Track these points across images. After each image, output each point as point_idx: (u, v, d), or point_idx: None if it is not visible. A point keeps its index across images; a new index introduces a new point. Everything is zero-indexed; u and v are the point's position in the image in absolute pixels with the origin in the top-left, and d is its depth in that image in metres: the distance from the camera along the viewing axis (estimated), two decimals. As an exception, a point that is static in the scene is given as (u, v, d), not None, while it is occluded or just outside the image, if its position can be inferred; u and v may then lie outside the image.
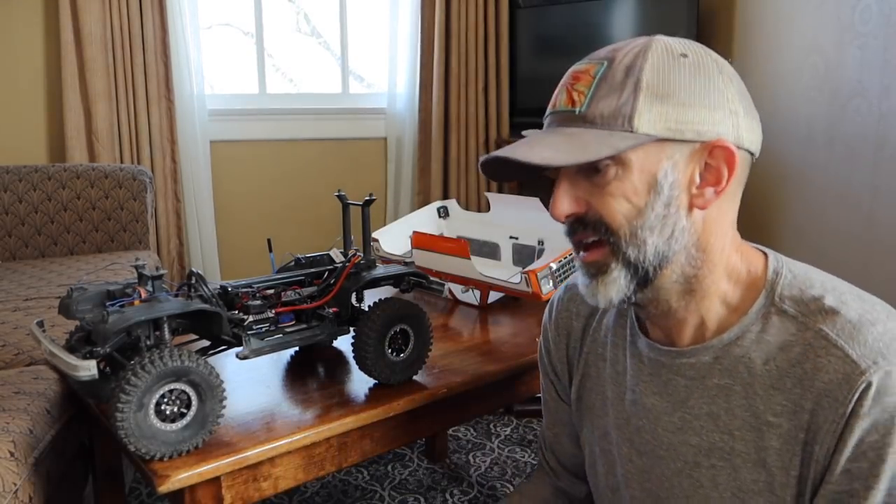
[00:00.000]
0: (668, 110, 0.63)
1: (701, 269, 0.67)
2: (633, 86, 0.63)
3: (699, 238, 0.66)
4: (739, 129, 0.65)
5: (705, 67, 0.64)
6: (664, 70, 0.64)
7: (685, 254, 0.66)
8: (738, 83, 0.66)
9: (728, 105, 0.64)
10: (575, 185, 0.67)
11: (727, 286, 0.68)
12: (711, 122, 0.63)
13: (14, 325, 1.49)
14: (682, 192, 0.65)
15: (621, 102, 0.63)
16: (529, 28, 3.00)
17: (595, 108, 0.65)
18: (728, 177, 0.64)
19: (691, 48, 0.66)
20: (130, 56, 2.44)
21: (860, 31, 2.14)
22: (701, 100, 0.63)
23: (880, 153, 2.10)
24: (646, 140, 0.63)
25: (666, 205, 0.65)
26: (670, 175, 0.64)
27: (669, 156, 0.64)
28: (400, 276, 1.14)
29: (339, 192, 1.14)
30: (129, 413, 0.79)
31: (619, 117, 0.63)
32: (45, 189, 2.19)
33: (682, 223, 0.65)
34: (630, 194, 0.65)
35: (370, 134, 3.02)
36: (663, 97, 0.63)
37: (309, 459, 0.95)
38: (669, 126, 0.63)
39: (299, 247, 1.31)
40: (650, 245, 0.65)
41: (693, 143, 0.64)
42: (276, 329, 1.01)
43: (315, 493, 1.73)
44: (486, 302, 1.48)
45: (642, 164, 0.64)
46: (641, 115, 0.63)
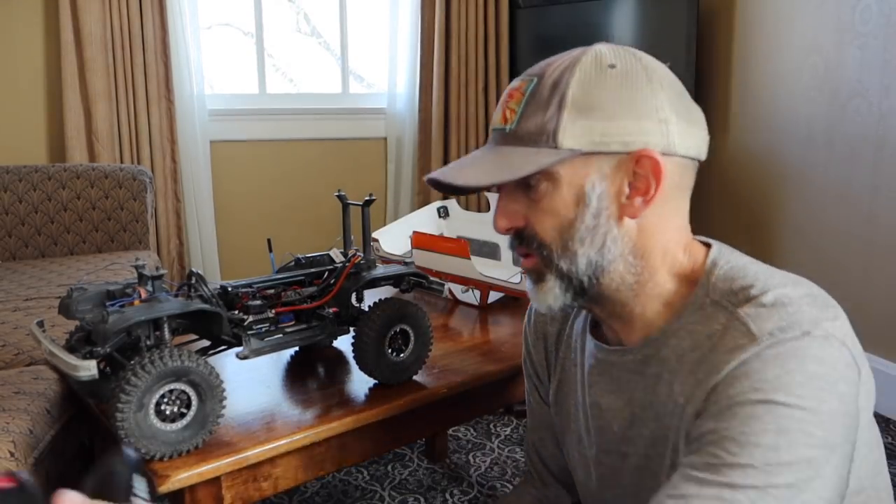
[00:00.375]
0: (592, 124, 0.64)
1: (641, 275, 0.68)
2: (559, 101, 0.65)
3: (635, 245, 0.67)
4: (670, 136, 0.65)
5: (633, 76, 0.65)
6: (589, 83, 0.65)
7: (622, 262, 0.68)
8: (671, 89, 0.66)
9: (656, 114, 0.64)
10: (514, 200, 0.70)
11: (672, 286, 0.69)
12: (638, 133, 0.64)
13: (14, 325, 1.49)
14: (610, 202, 0.66)
15: (546, 119, 0.65)
16: (529, 28, 3.00)
17: (523, 125, 0.67)
18: (656, 186, 0.65)
19: (622, 57, 0.66)
20: (130, 56, 2.44)
21: (860, 31, 2.14)
22: (626, 111, 0.64)
23: (880, 153, 2.10)
24: (569, 155, 0.64)
25: (595, 216, 0.66)
26: (598, 187, 0.65)
27: (597, 168, 0.65)
28: (400, 276, 1.14)
29: (339, 192, 1.14)
30: (129, 413, 0.79)
31: (544, 134, 0.65)
32: (45, 189, 2.19)
33: (614, 233, 0.66)
34: (560, 208, 0.66)
35: (370, 134, 3.02)
36: (587, 111, 0.64)
37: (309, 459, 0.95)
38: (594, 139, 0.64)
39: (299, 247, 1.31)
40: (581, 256, 0.67)
41: (620, 154, 0.65)
42: (276, 329, 1.01)
43: (315, 493, 1.73)
44: (486, 302, 1.48)
45: (570, 178, 0.65)
46: (566, 130, 0.64)
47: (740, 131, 2.62)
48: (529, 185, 0.67)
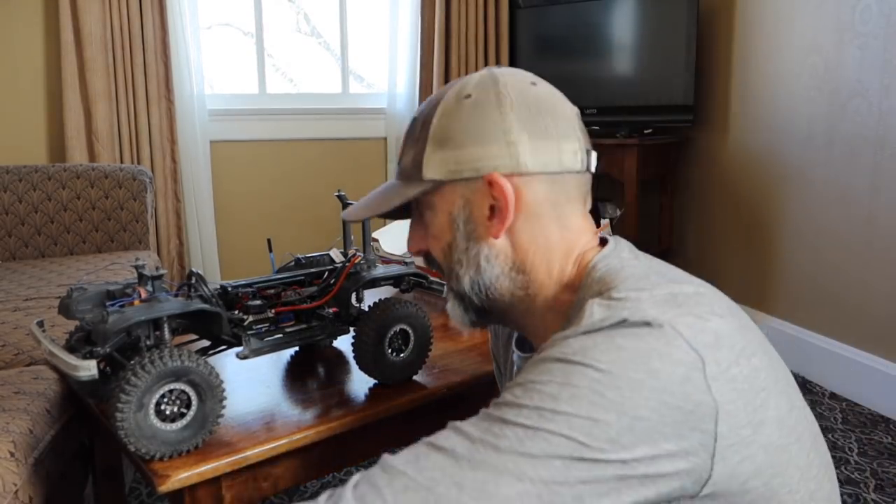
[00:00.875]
0: (447, 154, 0.69)
1: (529, 288, 0.71)
2: (424, 136, 0.70)
3: (514, 262, 0.70)
4: (520, 156, 0.67)
5: (484, 104, 0.68)
6: (447, 116, 0.69)
7: (506, 279, 0.70)
8: (523, 110, 0.68)
9: (504, 136, 0.67)
10: (418, 226, 0.76)
11: (565, 296, 0.70)
12: (486, 158, 0.67)
13: (14, 325, 1.49)
14: (477, 225, 0.69)
15: (415, 153, 0.71)
16: (529, 28, 3.00)
17: (403, 161, 0.74)
18: (504, 205, 0.67)
19: (482, 86, 0.69)
20: (130, 56, 2.44)
21: (860, 31, 2.14)
22: (474, 138, 0.68)
23: (880, 153, 2.10)
24: (431, 185, 0.70)
25: (466, 238, 0.70)
26: (462, 212, 0.70)
27: (461, 195, 0.69)
28: (400, 276, 1.14)
29: (339, 192, 1.14)
30: (129, 413, 0.79)
31: (414, 168, 0.71)
32: (45, 189, 2.20)
33: (485, 252, 0.70)
34: (440, 232, 0.72)
35: (370, 134, 3.02)
36: (443, 142, 0.69)
37: (309, 459, 0.95)
38: (450, 168, 0.69)
39: (299, 247, 1.31)
40: (465, 277, 0.71)
41: (476, 179, 0.68)
42: (275, 329, 1.01)
43: (315, 493, 1.73)
44: (486, 302, 1.48)
45: (442, 205, 0.71)
46: (428, 163, 0.69)
47: (740, 131, 2.62)
48: (422, 214, 0.74)
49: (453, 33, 2.91)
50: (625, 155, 2.67)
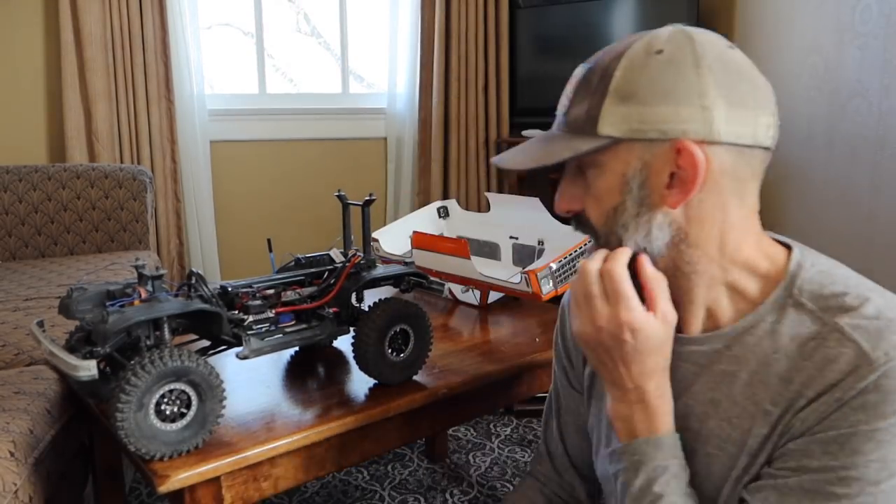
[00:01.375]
0: (630, 111, 0.63)
1: (698, 264, 0.67)
2: (603, 88, 0.65)
3: (688, 234, 0.66)
4: (713, 123, 0.62)
5: (679, 62, 0.63)
6: (634, 69, 0.64)
7: (674, 249, 0.67)
8: (724, 73, 0.63)
9: (699, 100, 0.62)
10: (573, 185, 0.70)
11: (738, 278, 0.68)
12: (677, 120, 0.62)
13: (14, 325, 1.49)
14: (652, 191, 0.65)
15: (590, 106, 0.65)
16: (529, 28, 3.00)
17: (572, 112, 0.68)
18: (692, 177, 0.63)
19: (675, 42, 0.65)
20: (130, 56, 2.44)
21: (860, 31, 2.14)
22: (664, 97, 0.63)
23: (880, 153, 2.10)
24: (607, 142, 0.64)
25: (637, 204, 0.66)
26: (639, 175, 0.65)
27: (639, 156, 0.64)
28: (400, 276, 1.14)
29: (339, 192, 1.14)
30: (129, 413, 0.79)
31: (587, 121, 0.65)
32: (45, 189, 2.19)
33: (658, 220, 0.66)
34: (606, 194, 0.67)
35: (370, 134, 3.02)
36: (627, 98, 0.64)
37: (309, 459, 0.95)
38: (632, 127, 0.63)
39: (299, 247, 1.31)
40: (628, 242, 0.67)
41: (661, 142, 0.63)
42: (276, 329, 1.01)
43: (315, 493, 1.73)
44: (486, 302, 1.48)
45: (614, 165, 0.65)
46: (605, 117, 0.64)
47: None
48: (583, 171, 0.68)
49: (453, 33, 2.91)
50: (625, 155, 2.66)
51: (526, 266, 1.51)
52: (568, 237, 1.43)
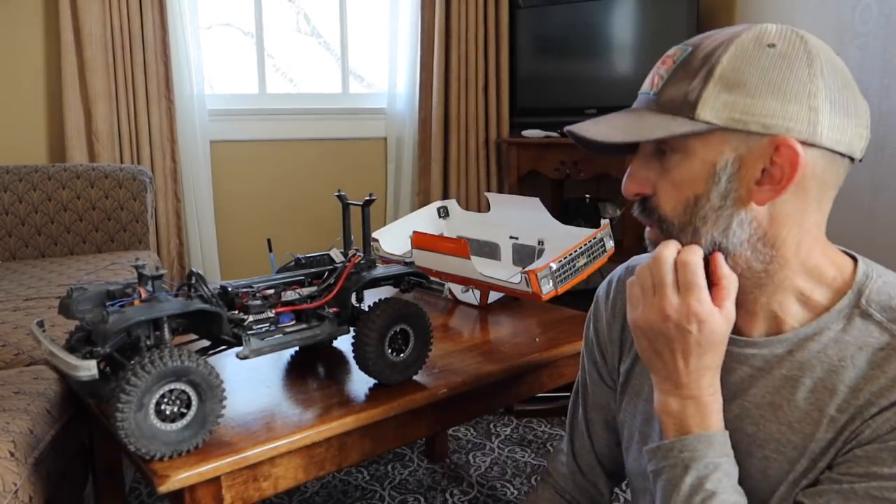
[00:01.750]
0: (735, 99, 0.62)
1: (771, 265, 0.66)
2: (706, 73, 0.63)
3: (766, 233, 0.65)
4: (818, 125, 0.62)
5: (792, 58, 0.62)
6: (743, 59, 0.62)
7: (750, 248, 0.66)
8: (832, 78, 0.63)
9: (807, 100, 0.61)
10: (646, 167, 0.69)
11: (806, 284, 0.67)
12: (782, 117, 0.61)
13: (14, 325, 1.49)
14: (740, 185, 0.64)
15: (690, 88, 0.64)
16: (529, 28, 2.99)
17: (666, 92, 0.66)
18: (789, 177, 0.62)
19: (786, 38, 0.64)
20: (130, 56, 2.44)
21: (860, 31, 2.14)
22: (774, 91, 0.61)
23: (880, 153, 2.10)
24: (705, 127, 0.63)
25: (722, 196, 0.64)
26: (730, 167, 0.63)
27: (734, 147, 0.63)
28: (400, 276, 1.14)
29: (339, 192, 1.14)
30: (129, 413, 0.79)
31: (685, 103, 0.64)
32: (45, 189, 2.20)
33: (741, 216, 0.65)
34: (688, 182, 0.65)
35: (370, 134, 3.02)
36: (733, 86, 0.62)
37: (309, 459, 0.95)
38: (734, 116, 0.62)
39: (299, 247, 1.31)
40: (704, 235, 0.66)
41: (760, 136, 0.62)
42: (276, 329, 1.01)
43: (315, 493, 1.73)
44: (486, 302, 1.48)
45: (704, 153, 0.64)
46: (706, 102, 0.63)
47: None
48: (664, 153, 0.66)
49: (453, 33, 2.91)
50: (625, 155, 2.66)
51: (526, 266, 1.51)
52: (568, 237, 1.43)
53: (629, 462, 0.84)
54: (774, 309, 0.68)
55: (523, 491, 1.73)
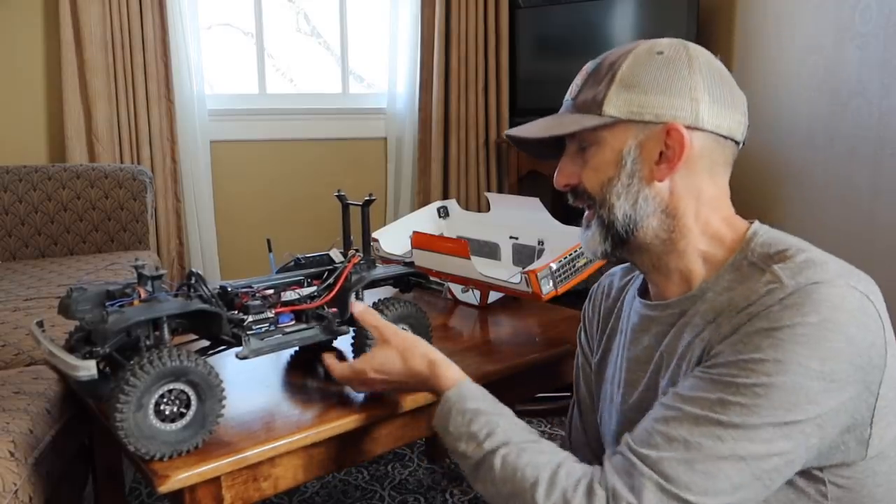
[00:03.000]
0: (632, 97, 0.76)
1: (674, 232, 0.79)
2: (610, 78, 0.77)
3: (667, 206, 0.78)
4: (699, 112, 0.75)
5: (675, 62, 0.76)
6: (638, 65, 0.77)
7: (655, 218, 0.78)
8: (709, 76, 0.77)
9: (689, 92, 0.75)
10: (571, 162, 0.83)
11: (708, 248, 0.79)
12: (669, 108, 0.75)
13: (14, 325, 1.49)
14: (642, 166, 0.77)
15: (598, 91, 0.78)
16: (529, 28, 2.99)
17: (581, 96, 0.80)
18: (679, 154, 0.75)
19: (673, 48, 0.78)
20: (130, 56, 2.44)
21: (860, 31, 2.14)
22: (662, 89, 0.76)
23: (880, 153, 2.10)
24: (609, 120, 0.77)
25: (629, 176, 0.78)
26: (633, 151, 0.77)
27: (635, 135, 0.77)
28: (400, 276, 1.14)
29: (339, 192, 1.14)
30: (129, 413, 0.79)
31: (593, 103, 0.78)
32: (45, 189, 2.20)
33: (645, 192, 0.78)
34: (603, 166, 0.79)
35: (370, 134, 3.02)
36: (631, 86, 0.76)
37: (309, 459, 0.95)
38: (632, 109, 0.76)
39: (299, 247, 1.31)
40: (618, 209, 0.79)
41: (654, 124, 0.76)
42: (275, 329, 1.00)
43: (315, 493, 1.73)
44: (486, 302, 1.48)
45: (612, 142, 0.78)
46: (610, 100, 0.77)
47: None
48: (584, 149, 0.80)
49: (453, 33, 2.91)
50: (625, 155, 2.66)
51: (526, 266, 1.51)
52: (568, 237, 1.43)
53: (607, 442, 0.92)
54: (682, 270, 0.80)
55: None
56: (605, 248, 0.82)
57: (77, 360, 0.82)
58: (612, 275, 1.01)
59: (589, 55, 0.85)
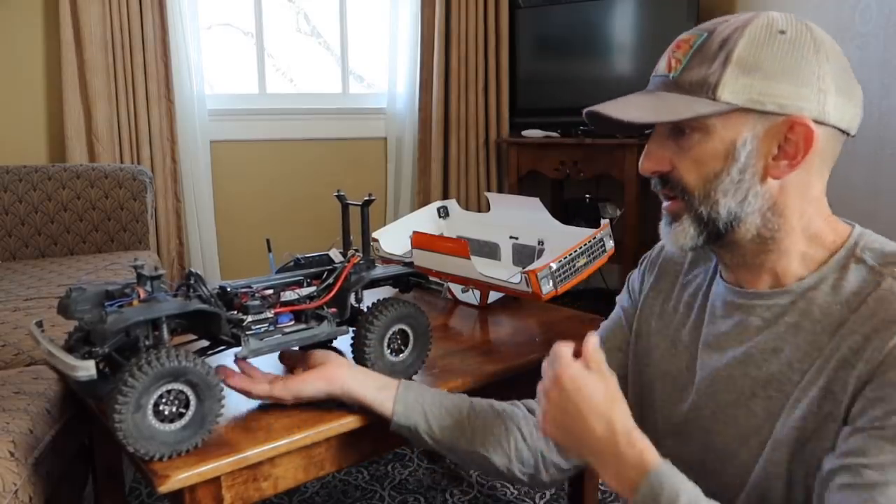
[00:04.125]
0: (753, 82, 0.67)
1: (778, 232, 0.72)
2: (724, 57, 0.68)
3: (775, 203, 0.71)
4: (825, 105, 0.68)
5: (800, 45, 0.68)
6: (758, 45, 0.68)
7: (760, 216, 0.72)
8: (836, 63, 0.69)
9: (817, 83, 0.67)
10: (663, 146, 0.74)
11: (808, 248, 0.73)
12: (796, 98, 0.67)
13: (14, 325, 1.49)
14: (757, 161, 0.70)
15: (710, 72, 0.69)
16: (529, 28, 3.00)
17: (686, 75, 0.71)
18: (804, 152, 0.68)
19: (794, 25, 0.69)
20: (130, 56, 2.44)
21: (860, 31, 2.14)
22: (788, 75, 0.67)
23: (880, 153, 2.10)
24: (726, 108, 0.68)
25: (741, 171, 0.70)
26: (749, 144, 0.69)
27: (751, 126, 0.69)
28: (400, 276, 1.14)
29: (339, 192, 1.13)
30: (128, 414, 0.79)
31: (705, 85, 0.69)
32: (45, 189, 2.20)
33: (756, 189, 0.71)
34: (708, 158, 0.71)
35: (370, 134, 3.02)
36: (750, 70, 0.67)
37: (309, 459, 0.95)
38: (752, 97, 0.68)
39: (299, 247, 1.31)
40: (722, 206, 0.71)
41: (775, 115, 0.68)
42: (274, 329, 1.00)
43: (315, 493, 1.73)
44: (486, 302, 1.48)
45: (724, 132, 0.69)
46: (726, 85, 0.68)
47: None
48: (682, 132, 0.72)
49: (453, 33, 2.91)
50: (625, 155, 2.66)
51: (526, 266, 1.51)
52: (568, 237, 1.42)
53: (650, 415, 0.86)
54: (780, 270, 0.74)
55: (523, 491, 1.73)
56: (695, 244, 0.75)
57: (76, 360, 0.81)
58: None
59: (589, 55, 0.79)
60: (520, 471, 0.91)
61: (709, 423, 0.79)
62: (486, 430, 0.90)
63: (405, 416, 0.90)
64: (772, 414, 0.72)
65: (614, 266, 2.92)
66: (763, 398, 0.73)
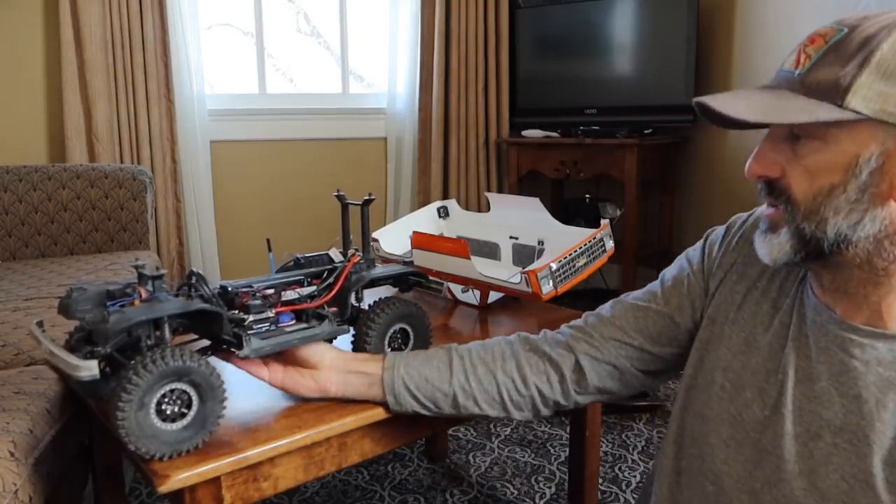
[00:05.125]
0: (891, 91, 0.58)
1: (894, 264, 0.63)
2: (863, 59, 0.60)
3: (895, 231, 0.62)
4: None
5: None
6: None
7: (875, 243, 0.63)
8: None
9: None
10: (776, 150, 0.66)
11: None
12: None
13: (14, 325, 1.49)
14: (882, 180, 0.61)
15: (843, 73, 0.60)
16: (529, 28, 3.00)
17: (813, 74, 0.62)
18: None
19: None
20: (130, 56, 2.44)
21: (860, 31, 2.14)
22: None
23: None
24: (853, 117, 0.59)
25: (861, 190, 0.61)
26: (875, 161, 0.60)
27: (881, 141, 0.60)
28: (400, 276, 1.14)
29: (339, 192, 1.14)
30: (130, 412, 0.79)
31: (833, 88, 0.60)
32: (45, 189, 2.20)
33: (875, 212, 0.62)
34: (824, 170, 0.62)
35: (370, 134, 3.02)
36: (890, 76, 0.58)
37: (309, 459, 0.95)
38: (887, 108, 0.59)
39: (299, 247, 1.31)
40: (831, 225, 0.63)
41: None
42: (276, 328, 1.00)
43: (315, 493, 1.73)
44: (486, 302, 1.48)
45: (847, 143, 0.61)
46: (857, 90, 0.59)
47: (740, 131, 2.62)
48: (798, 138, 0.64)
49: (453, 33, 2.91)
50: (625, 155, 2.67)
51: (526, 266, 1.51)
52: (568, 237, 1.43)
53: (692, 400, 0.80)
54: (880, 305, 0.66)
55: (523, 491, 1.73)
56: (791, 260, 0.67)
57: (79, 360, 0.82)
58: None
59: (589, 55, 0.73)
60: (519, 415, 0.95)
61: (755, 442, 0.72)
62: (479, 391, 0.94)
63: (398, 403, 0.94)
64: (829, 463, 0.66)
65: (614, 266, 2.92)
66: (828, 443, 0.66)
